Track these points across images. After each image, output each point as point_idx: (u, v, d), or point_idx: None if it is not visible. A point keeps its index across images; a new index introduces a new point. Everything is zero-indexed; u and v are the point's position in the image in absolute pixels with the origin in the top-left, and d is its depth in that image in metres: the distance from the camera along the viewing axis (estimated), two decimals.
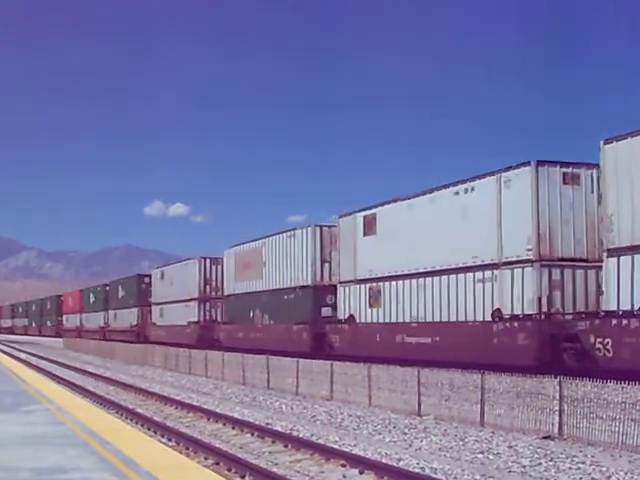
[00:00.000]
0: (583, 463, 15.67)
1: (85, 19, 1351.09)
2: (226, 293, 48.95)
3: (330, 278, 37.18)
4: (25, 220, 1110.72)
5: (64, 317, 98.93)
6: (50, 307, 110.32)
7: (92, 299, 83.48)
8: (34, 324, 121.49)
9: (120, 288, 72.57)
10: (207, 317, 53.24)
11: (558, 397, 18.82)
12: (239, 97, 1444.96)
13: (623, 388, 17.41)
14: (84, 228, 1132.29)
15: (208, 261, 53.71)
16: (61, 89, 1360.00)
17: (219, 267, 52.53)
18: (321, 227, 38.30)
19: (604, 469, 15.07)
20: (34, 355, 65.26)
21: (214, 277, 53.38)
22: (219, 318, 52.06)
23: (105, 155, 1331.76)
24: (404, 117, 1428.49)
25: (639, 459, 15.96)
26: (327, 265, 37.71)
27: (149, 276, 66.70)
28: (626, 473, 14.71)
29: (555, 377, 19.31)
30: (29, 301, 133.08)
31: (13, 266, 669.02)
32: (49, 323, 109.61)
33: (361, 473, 15.17)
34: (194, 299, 53.68)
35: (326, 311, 37.03)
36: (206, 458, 16.72)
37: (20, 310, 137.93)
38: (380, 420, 22.60)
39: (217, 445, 18.65)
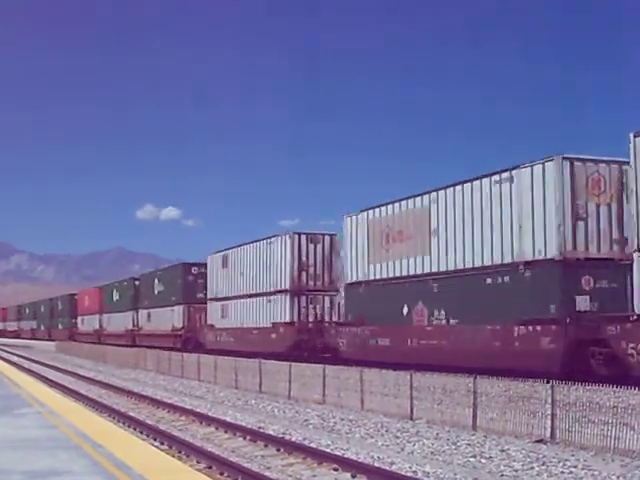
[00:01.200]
0: (575, 467, 15.67)
1: (83, 29, 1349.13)
2: (350, 280, 34.85)
3: (587, 247, 23.90)
4: (17, 223, 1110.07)
5: (79, 319, 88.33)
6: (62, 307, 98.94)
7: (116, 297, 72.68)
8: (43, 327, 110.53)
9: (157, 282, 61.13)
10: (304, 316, 40.09)
11: (550, 401, 18.80)
12: (230, 102, 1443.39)
13: (615, 392, 17.42)
14: (76, 231, 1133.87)
15: (304, 238, 40.49)
16: (55, 93, 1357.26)
17: (319, 247, 40.30)
18: (571, 160, 24.07)
19: (596, 473, 15.07)
20: (26, 359, 65.09)
21: (312, 260, 40.35)
22: (328, 317, 39.89)
23: (97, 159, 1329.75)
24: (388, 128, 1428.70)
25: (631, 463, 15.96)
26: (581, 225, 23.94)
27: (199, 265, 54.49)
28: (618, 477, 14.71)
29: (547, 381, 19.32)
30: (37, 301, 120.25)
31: (4, 270, 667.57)
32: (61, 326, 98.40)
33: (353, 477, 15.14)
34: (283, 291, 40.62)
35: (582, 302, 23.40)
36: (198, 462, 16.68)
37: (27, 311, 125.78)
38: (372, 424, 22.59)
39: (209, 449, 18.61)
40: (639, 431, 16.55)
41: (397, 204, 31.55)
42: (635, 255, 20.88)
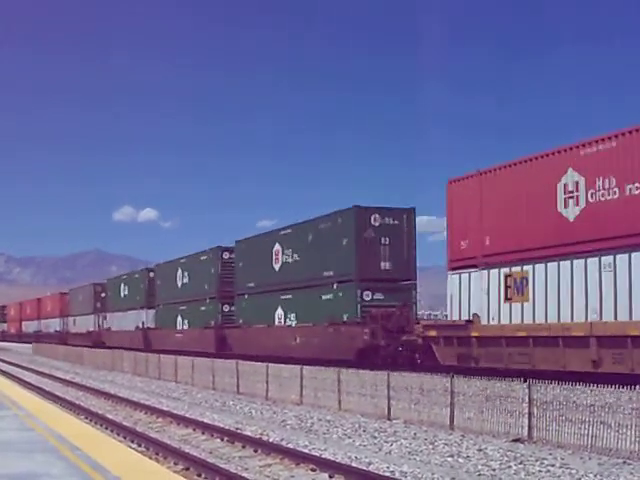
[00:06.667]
0: (553, 466, 15.75)
1: (65, 35, 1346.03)
2: None
3: None
4: None
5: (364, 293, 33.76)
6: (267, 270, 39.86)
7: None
8: (188, 324, 50.25)
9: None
10: None
11: (527, 400, 18.89)
12: (207, 107, 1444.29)
13: (592, 391, 17.51)
14: (53, 233, 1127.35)
15: None
16: (36, 96, 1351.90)
17: None
18: None
19: (574, 471, 15.15)
20: (3, 361, 64.67)
21: None
22: None
23: (75, 160, 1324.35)
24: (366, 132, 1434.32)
25: (608, 461, 16.05)
26: None
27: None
28: (595, 475, 14.80)
29: (524, 380, 19.39)
30: (157, 266, 57.92)
31: None
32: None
33: (331, 477, 15.17)
34: None
35: None
36: (176, 463, 16.67)
37: (122, 294, 62.40)
38: (350, 424, 22.60)
39: (187, 450, 18.58)
40: (616, 429, 16.66)
41: None
42: None
